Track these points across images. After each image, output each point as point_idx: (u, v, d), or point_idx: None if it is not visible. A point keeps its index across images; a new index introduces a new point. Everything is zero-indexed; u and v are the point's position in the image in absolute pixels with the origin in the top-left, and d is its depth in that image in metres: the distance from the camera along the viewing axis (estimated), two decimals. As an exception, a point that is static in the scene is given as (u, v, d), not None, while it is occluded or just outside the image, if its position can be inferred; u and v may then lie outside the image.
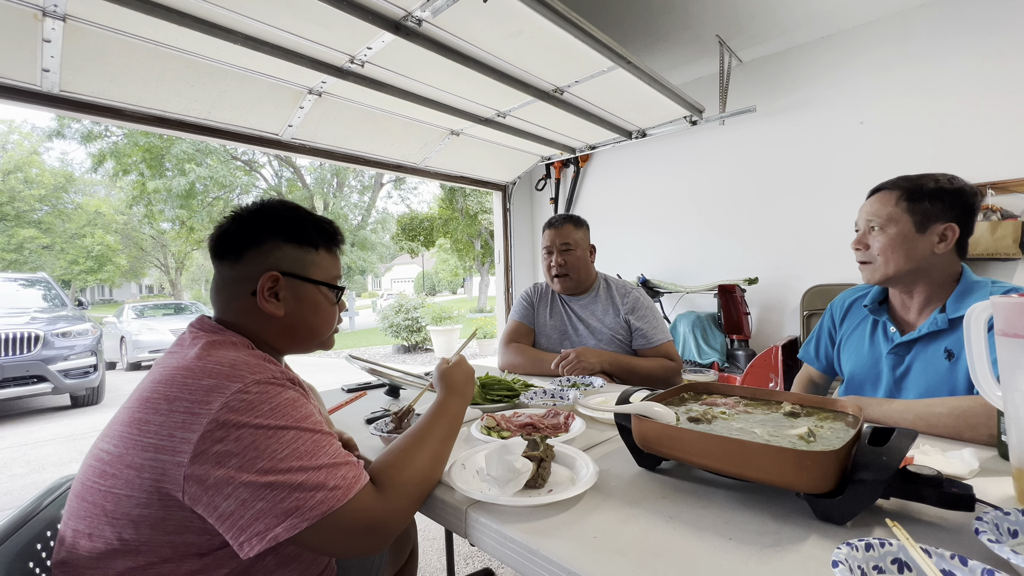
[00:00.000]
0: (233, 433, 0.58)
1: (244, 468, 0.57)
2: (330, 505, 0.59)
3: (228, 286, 0.77)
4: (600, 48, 1.86)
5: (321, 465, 0.61)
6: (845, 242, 2.65)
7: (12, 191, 14.93)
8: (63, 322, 5.09)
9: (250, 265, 0.76)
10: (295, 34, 1.69)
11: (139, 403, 0.64)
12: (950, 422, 0.84)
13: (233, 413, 0.59)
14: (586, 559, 0.54)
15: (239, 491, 0.57)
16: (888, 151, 2.59)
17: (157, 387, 0.64)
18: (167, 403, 0.61)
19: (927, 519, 0.60)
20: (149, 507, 0.60)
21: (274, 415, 0.61)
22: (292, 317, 0.77)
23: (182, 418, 0.59)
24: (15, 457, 3.68)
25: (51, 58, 1.66)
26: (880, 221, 1.04)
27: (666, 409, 0.75)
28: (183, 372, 0.64)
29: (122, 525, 0.60)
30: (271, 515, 0.57)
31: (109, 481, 0.62)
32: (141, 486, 0.60)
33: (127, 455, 0.61)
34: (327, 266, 0.82)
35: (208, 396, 0.60)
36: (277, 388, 0.64)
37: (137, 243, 19.78)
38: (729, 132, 3.11)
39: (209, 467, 0.57)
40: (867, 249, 1.08)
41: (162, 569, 0.61)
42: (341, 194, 15.31)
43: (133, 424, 0.62)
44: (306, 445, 0.62)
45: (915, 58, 2.49)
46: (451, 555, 1.75)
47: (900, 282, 1.06)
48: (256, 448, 0.58)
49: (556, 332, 1.77)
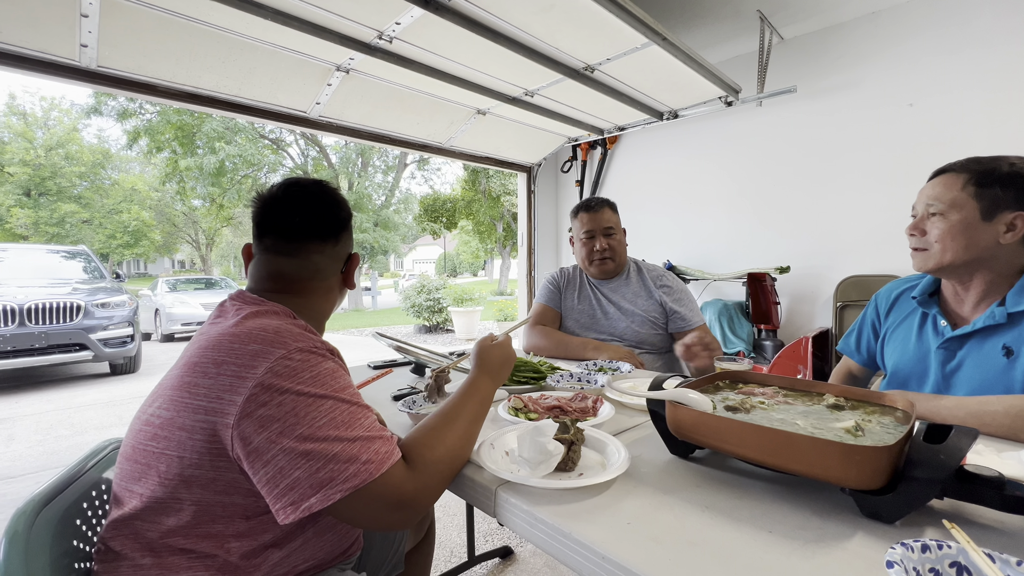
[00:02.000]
0: (276, 398, 0.60)
1: (284, 433, 0.59)
2: (363, 479, 0.60)
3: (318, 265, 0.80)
4: (635, 23, 1.79)
5: (356, 437, 0.62)
6: (886, 232, 2.56)
7: (54, 167, 15.53)
8: (102, 293, 5.30)
9: (344, 246, 0.85)
10: (324, 8, 1.67)
11: (188, 368, 0.66)
12: (1007, 421, 0.80)
13: (277, 378, 0.61)
14: (620, 544, 0.53)
15: (278, 458, 0.59)
16: (939, 135, 2.43)
17: (205, 352, 0.66)
18: (215, 367, 0.63)
19: (983, 522, 0.57)
20: (200, 468, 0.62)
21: (315, 383, 0.63)
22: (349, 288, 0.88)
23: (229, 381, 0.62)
24: (60, 419, 3.90)
25: (88, 33, 1.69)
26: (942, 206, 0.95)
27: (702, 396, 0.72)
28: (230, 337, 0.66)
29: (174, 486, 0.63)
30: (306, 485, 0.58)
31: (162, 443, 0.64)
32: (193, 447, 0.62)
33: (178, 418, 0.63)
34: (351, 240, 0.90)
35: (254, 360, 0.62)
36: (318, 357, 0.66)
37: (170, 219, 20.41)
38: (766, 114, 2.97)
39: (253, 429, 0.59)
40: (923, 235, 0.99)
41: (211, 528, 0.64)
42: (365, 174, 15.40)
43: (183, 388, 0.65)
44: (343, 416, 0.63)
45: (975, 37, 2.32)
46: (471, 532, 1.78)
47: (955, 273, 0.99)
48: (296, 415, 0.60)
49: (585, 316, 1.76)
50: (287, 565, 0.70)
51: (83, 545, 0.70)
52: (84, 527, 0.71)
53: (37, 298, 4.74)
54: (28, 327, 4.62)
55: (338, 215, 0.82)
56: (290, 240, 0.79)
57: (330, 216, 0.81)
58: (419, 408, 0.97)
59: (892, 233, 2.53)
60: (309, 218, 0.79)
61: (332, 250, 0.82)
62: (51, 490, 0.68)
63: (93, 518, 0.74)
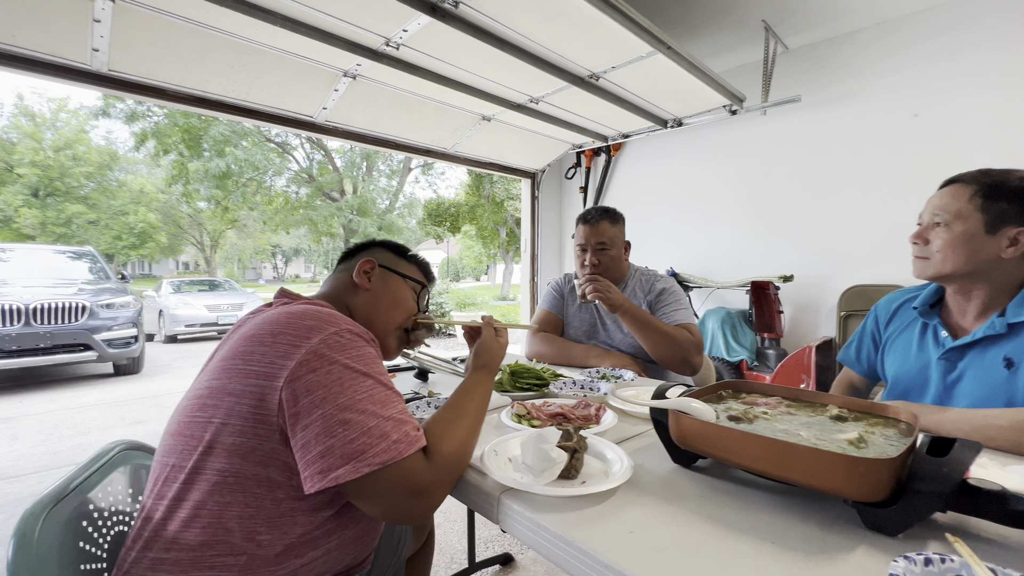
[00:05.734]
0: (325, 366, 0.65)
1: (328, 400, 0.63)
2: (391, 456, 0.62)
3: (339, 272, 0.96)
4: (640, 32, 1.80)
5: (390, 416, 0.65)
6: (891, 241, 2.56)
7: (62, 167, 15.63)
8: (107, 294, 5.32)
9: (357, 258, 0.96)
10: (333, 15, 1.69)
11: (244, 340, 0.70)
12: (1012, 435, 0.79)
13: (328, 348, 0.66)
14: (623, 554, 0.53)
15: (317, 423, 0.62)
16: (943, 146, 2.43)
17: (262, 326, 0.70)
18: (272, 336, 0.68)
19: (986, 536, 0.57)
20: (244, 435, 0.65)
21: (360, 361, 0.68)
22: (376, 295, 0.92)
23: (284, 349, 0.66)
24: (64, 419, 3.91)
25: (100, 38, 1.71)
26: (947, 216, 0.95)
27: (705, 406, 0.73)
28: (287, 315, 0.71)
29: (215, 454, 0.65)
30: (338, 454, 0.61)
31: (208, 412, 0.67)
32: (239, 412, 0.65)
33: (229, 384, 0.67)
34: (415, 272, 1.01)
35: (309, 333, 0.68)
36: (363, 341, 0.72)
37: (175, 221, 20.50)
38: (770, 123, 2.98)
39: (301, 391, 0.63)
40: (926, 244, 0.99)
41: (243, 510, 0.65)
42: (370, 178, 15.46)
43: (238, 357, 0.69)
44: (381, 395, 0.67)
45: (979, 48, 2.33)
46: (472, 538, 1.78)
47: (955, 283, 0.99)
48: (341, 384, 0.64)
49: (585, 324, 1.75)
50: (304, 574, 0.70)
51: (90, 547, 0.70)
52: (91, 529, 0.72)
53: (42, 298, 4.77)
54: (33, 327, 4.65)
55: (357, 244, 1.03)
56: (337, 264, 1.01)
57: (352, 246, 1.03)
58: (421, 414, 0.97)
59: (897, 243, 2.53)
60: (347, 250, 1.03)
61: (348, 263, 0.98)
62: (58, 491, 0.68)
63: (100, 520, 0.74)
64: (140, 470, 0.86)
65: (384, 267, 0.96)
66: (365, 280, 0.92)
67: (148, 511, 0.67)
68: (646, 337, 1.50)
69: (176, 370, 6.04)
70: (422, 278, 1.02)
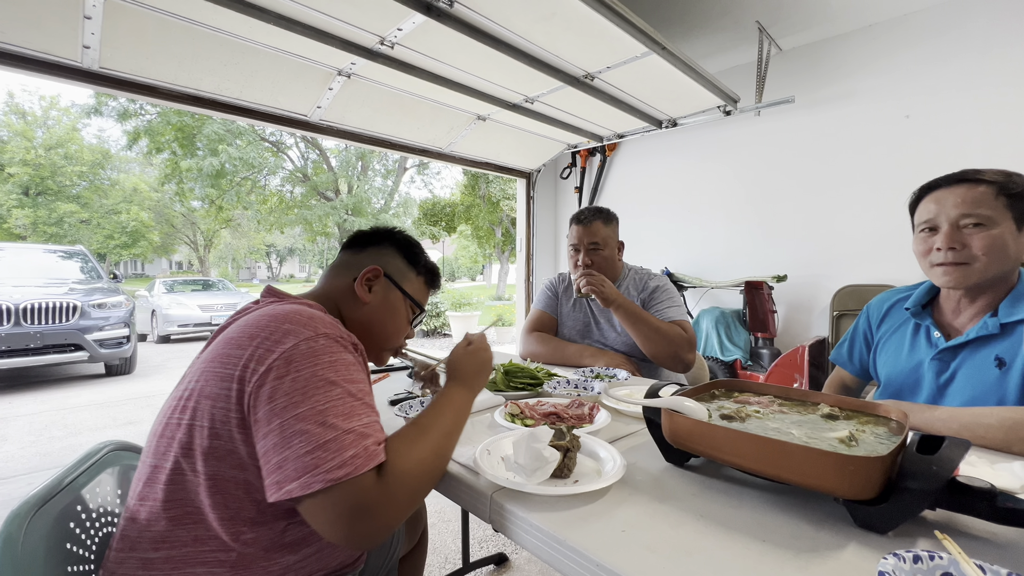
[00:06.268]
0: (292, 372, 0.63)
1: (287, 408, 0.61)
2: (346, 472, 0.58)
3: (341, 267, 0.91)
4: (635, 33, 1.80)
5: (351, 429, 0.62)
6: (883, 241, 2.58)
7: (53, 166, 15.48)
8: (99, 294, 5.27)
9: (366, 256, 0.92)
10: (327, 14, 1.68)
11: (224, 342, 0.69)
12: (1000, 434, 0.80)
13: (300, 354, 0.65)
14: (615, 553, 0.54)
15: (274, 432, 0.60)
16: (935, 147, 2.46)
17: (243, 328, 0.69)
18: (248, 340, 0.67)
19: (975, 533, 0.57)
20: (220, 438, 0.64)
21: (332, 368, 0.65)
22: (373, 310, 0.88)
23: (260, 352, 0.65)
24: (54, 420, 3.87)
25: (91, 35, 1.69)
26: (985, 215, 0.90)
27: (698, 405, 0.73)
28: (268, 317, 0.69)
29: (193, 456, 0.64)
30: (290, 468, 0.59)
31: (187, 414, 0.66)
32: (214, 416, 0.64)
33: (207, 387, 0.66)
34: (419, 290, 0.96)
35: (284, 337, 0.66)
36: (340, 347, 0.69)
37: (168, 220, 20.36)
38: (764, 123, 3.00)
39: (264, 397, 0.62)
40: (963, 248, 0.92)
41: (224, 511, 0.64)
42: (365, 177, 15.41)
43: (216, 359, 0.67)
44: (345, 407, 0.63)
45: (969, 50, 2.35)
46: (466, 539, 1.77)
47: (985, 286, 0.96)
48: (304, 392, 0.62)
49: (579, 323, 1.75)
50: (298, 570, 0.70)
51: (78, 548, 0.70)
52: (79, 530, 0.71)
53: (33, 298, 4.71)
54: (23, 327, 4.60)
55: (369, 233, 0.96)
56: (343, 248, 0.96)
57: (364, 233, 0.97)
58: (416, 413, 0.97)
59: (889, 243, 2.55)
60: (355, 234, 0.97)
61: (354, 257, 0.92)
62: (46, 492, 0.68)
63: (87, 521, 0.73)
64: (129, 471, 0.85)
65: (389, 278, 0.90)
66: (366, 292, 0.87)
67: (132, 511, 0.67)
68: (639, 332, 1.51)
69: (169, 370, 5.99)
70: (425, 295, 0.97)
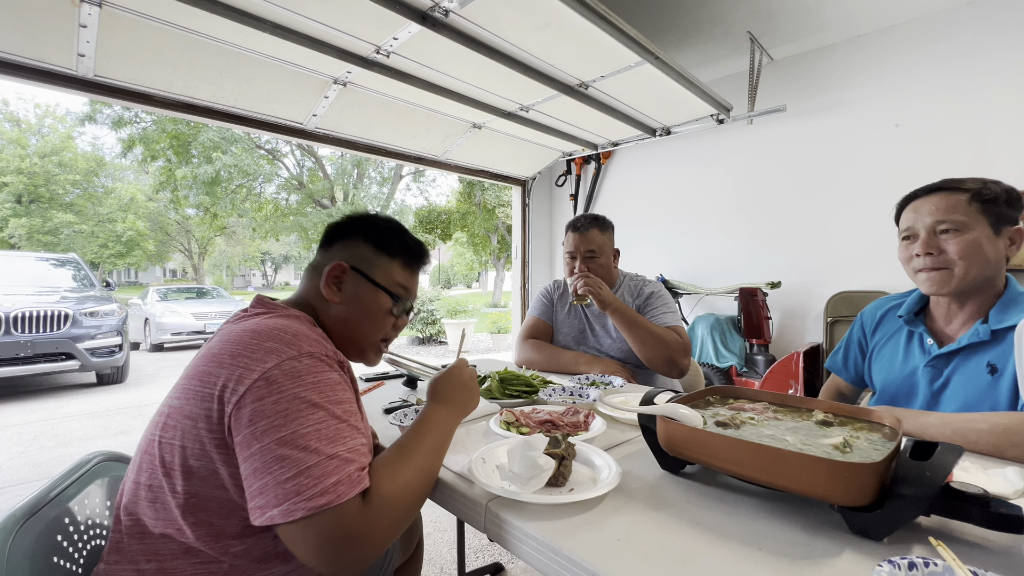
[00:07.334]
0: (274, 394, 0.61)
1: (268, 432, 0.59)
2: (328, 500, 0.57)
3: (313, 269, 0.85)
4: (628, 43, 1.82)
5: (335, 454, 0.60)
6: (875, 248, 2.60)
7: (47, 174, 15.40)
8: (91, 302, 5.23)
9: (332, 254, 0.85)
10: (323, 23, 1.69)
11: (205, 359, 0.67)
12: (991, 439, 0.81)
13: (282, 375, 0.62)
14: (610, 561, 0.53)
15: (255, 457, 0.59)
16: (924, 154, 2.49)
17: (225, 345, 0.67)
18: (231, 358, 0.65)
19: (968, 539, 0.57)
20: (202, 459, 0.63)
21: (315, 389, 0.63)
22: (345, 310, 0.82)
23: (240, 372, 0.63)
24: (43, 431, 3.81)
25: (87, 43, 1.69)
26: (958, 221, 0.93)
27: (693, 412, 0.73)
28: (250, 333, 0.67)
29: (176, 476, 0.64)
30: (271, 494, 0.57)
31: (169, 433, 0.65)
32: (196, 436, 0.63)
33: (187, 406, 0.65)
34: (395, 275, 0.86)
35: (267, 356, 0.64)
36: (325, 366, 0.67)
37: (163, 228, 20.27)
38: (757, 131, 3.03)
39: (245, 420, 0.60)
40: (939, 253, 0.95)
41: (210, 528, 0.63)
42: (361, 185, 15.43)
43: (197, 377, 0.66)
44: (329, 430, 0.62)
45: (956, 59, 2.40)
46: (462, 548, 1.75)
47: (970, 290, 0.98)
48: (286, 416, 0.60)
49: (574, 330, 1.75)
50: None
51: (65, 562, 0.68)
52: (66, 543, 0.70)
53: (24, 306, 4.67)
54: (14, 335, 4.54)
55: (338, 224, 0.88)
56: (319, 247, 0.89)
57: (333, 226, 0.88)
58: (410, 422, 0.96)
59: (881, 250, 2.58)
60: (326, 229, 0.89)
61: (324, 255, 0.86)
62: (32, 504, 0.66)
63: (75, 534, 0.72)
64: (119, 482, 0.84)
65: (357, 271, 0.83)
66: (333, 292, 0.81)
67: (122, 524, 0.66)
68: (634, 336, 1.51)
69: (162, 379, 5.93)
70: (407, 279, 0.88)
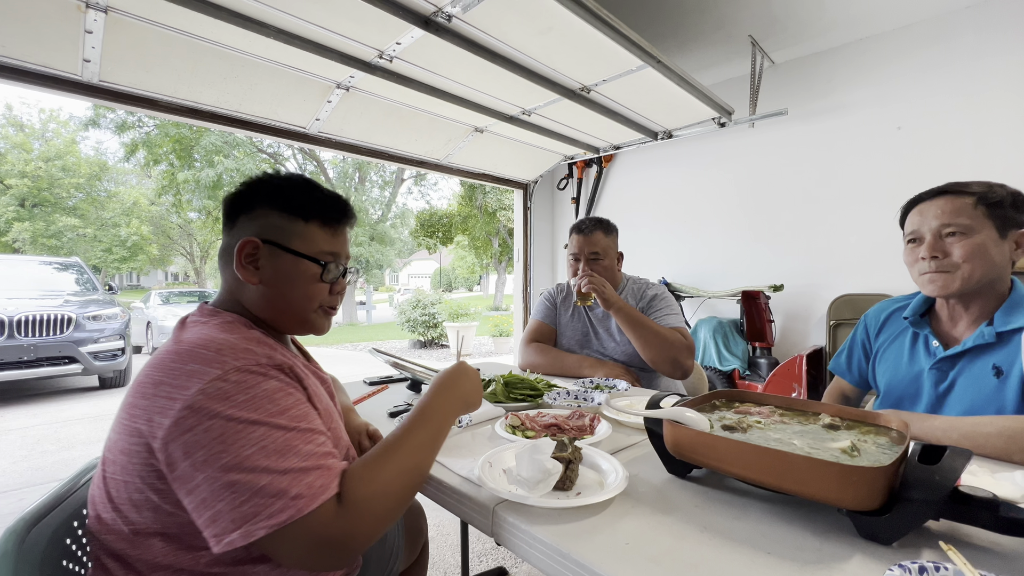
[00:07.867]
0: (204, 423, 0.56)
1: (209, 462, 0.55)
2: (290, 515, 0.55)
3: (224, 253, 0.76)
4: (630, 47, 1.83)
5: (287, 468, 0.57)
6: (877, 251, 2.60)
7: (51, 178, 15.49)
8: (94, 306, 5.23)
9: (238, 232, 0.74)
10: (326, 28, 1.70)
11: (133, 388, 0.63)
12: (999, 443, 0.80)
13: (208, 400, 0.57)
14: (619, 566, 0.53)
15: (201, 488, 0.55)
16: (926, 157, 2.49)
17: (149, 372, 0.62)
18: (153, 387, 0.60)
19: (978, 543, 0.57)
20: (143, 492, 0.60)
21: (248, 407, 0.58)
22: (269, 287, 0.74)
23: (163, 403, 0.58)
24: (47, 434, 3.82)
25: (92, 49, 1.71)
26: (963, 225, 0.94)
27: (699, 416, 0.73)
28: (171, 356, 0.62)
29: (126, 509, 0.61)
30: (228, 519, 0.54)
31: (110, 468, 0.63)
32: (133, 471, 0.60)
33: (120, 441, 0.61)
34: (316, 239, 0.76)
35: (188, 381, 0.58)
36: (257, 377, 0.61)
37: (165, 231, 20.34)
38: (759, 135, 3.04)
39: (179, 455, 0.56)
40: (944, 256, 0.96)
41: (178, 543, 0.61)
42: (363, 188, 15.48)
43: (125, 409, 0.62)
44: (276, 444, 0.58)
45: (958, 62, 2.40)
46: (466, 552, 1.75)
47: (973, 293, 0.98)
48: (223, 442, 0.56)
49: (578, 333, 1.75)
50: None
51: (73, 566, 0.69)
52: (75, 547, 0.70)
53: (27, 310, 4.67)
54: (17, 339, 4.55)
55: (234, 198, 0.76)
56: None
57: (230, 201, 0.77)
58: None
59: (883, 253, 2.58)
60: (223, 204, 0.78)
61: (229, 236, 0.76)
62: (41, 508, 0.67)
63: (84, 537, 0.72)
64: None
65: (271, 243, 0.73)
66: (251, 273, 0.73)
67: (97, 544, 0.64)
68: (638, 336, 1.50)
69: (164, 383, 5.93)
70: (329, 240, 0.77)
